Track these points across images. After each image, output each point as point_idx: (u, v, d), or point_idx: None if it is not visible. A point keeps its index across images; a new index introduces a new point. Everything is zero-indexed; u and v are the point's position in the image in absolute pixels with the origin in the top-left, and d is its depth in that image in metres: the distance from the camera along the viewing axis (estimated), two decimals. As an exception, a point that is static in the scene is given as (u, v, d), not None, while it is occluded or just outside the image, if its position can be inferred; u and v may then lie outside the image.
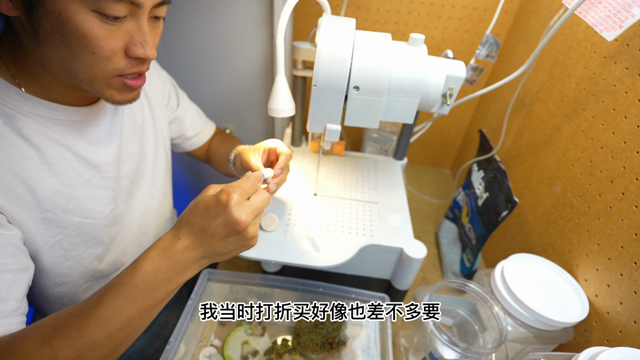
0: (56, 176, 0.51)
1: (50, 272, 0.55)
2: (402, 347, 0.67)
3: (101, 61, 0.44)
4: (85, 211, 0.55)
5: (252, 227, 0.45)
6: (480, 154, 0.86)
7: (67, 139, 0.52)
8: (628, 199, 0.54)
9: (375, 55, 0.53)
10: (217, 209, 0.43)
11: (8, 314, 0.43)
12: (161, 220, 0.75)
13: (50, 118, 0.50)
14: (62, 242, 0.54)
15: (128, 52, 0.46)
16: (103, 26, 0.42)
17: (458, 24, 0.96)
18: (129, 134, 0.63)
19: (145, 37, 0.46)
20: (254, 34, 0.95)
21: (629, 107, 0.56)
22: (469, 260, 0.80)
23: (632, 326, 0.50)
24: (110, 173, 0.59)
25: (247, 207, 0.44)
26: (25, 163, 0.48)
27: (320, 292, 0.64)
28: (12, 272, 0.44)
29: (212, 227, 0.43)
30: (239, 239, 0.45)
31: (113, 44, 0.44)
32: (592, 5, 0.57)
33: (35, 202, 0.49)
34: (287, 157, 0.61)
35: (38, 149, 0.49)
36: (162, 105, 0.72)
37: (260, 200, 0.46)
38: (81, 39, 0.42)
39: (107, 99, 0.49)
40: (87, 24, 0.41)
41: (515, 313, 0.56)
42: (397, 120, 0.60)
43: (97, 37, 0.42)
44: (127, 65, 0.47)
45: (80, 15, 0.40)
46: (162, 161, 0.72)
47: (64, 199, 0.52)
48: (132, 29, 0.45)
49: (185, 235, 0.44)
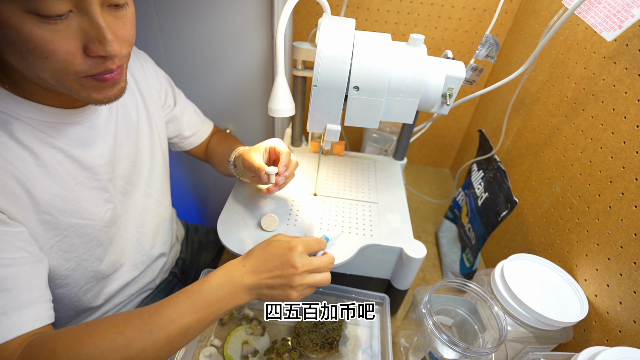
0: (52, 179, 0.51)
1: (50, 273, 0.54)
2: (402, 347, 0.67)
3: (59, 65, 0.41)
4: (83, 212, 0.55)
5: (301, 279, 0.50)
6: (480, 154, 0.86)
7: (60, 142, 0.52)
8: (627, 199, 0.54)
9: (375, 56, 0.54)
10: (283, 250, 0.51)
11: (36, 301, 0.45)
12: (160, 220, 0.75)
13: (42, 121, 0.49)
14: (60, 243, 0.54)
15: (87, 51, 0.41)
16: (46, 27, 0.38)
17: (458, 24, 0.96)
18: (124, 134, 0.62)
19: (102, 32, 0.41)
20: (254, 34, 0.95)
21: (628, 107, 0.56)
22: (469, 260, 0.80)
23: (632, 326, 0.50)
24: (104, 175, 0.58)
25: (306, 260, 0.51)
26: (22, 166, 0.47)
27: (320, 292, 0.64)
28: (28, 264, 0.46)
29: (272, 263, 0.50)
30: (284, 283, 0.50)
31: (65, 46, 0.40)
32: (592, 5, 0.57)
33: (33, 205, 0.49)
34: (287, 154, 0.62)
35: (32, 152, 0.48)
36: (158, 104, 0.72)
37: (320, 261, 0.52)
38: (27, 45, 0.38)
39: (86, 99, 0.47)
40: (26, 28, 0.37)
41: (515, 313, 0.56)
42: (397, 121, 0.60)
43: (42, 41, 0.38)
44: (90, 66, 0.43)
45: (16, 18, 0.37)
46: (159, 161, 0.72)
47: (61, 201, 0.52)
48: (84, 25, 0.40)
49: (249, 264, 0.50)
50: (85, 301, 0.63)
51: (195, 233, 1.00)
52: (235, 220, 0.65)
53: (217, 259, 0.98)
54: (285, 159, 0.61)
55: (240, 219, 0.65)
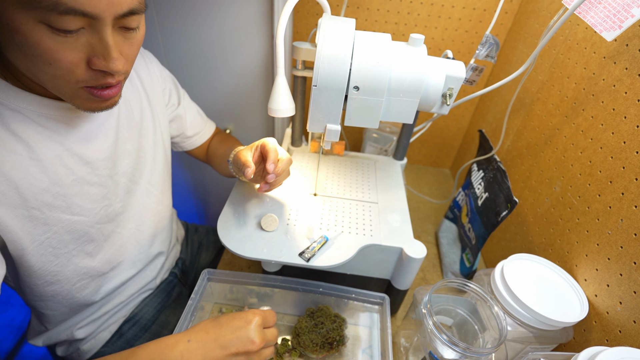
0: (45, 173, 0.50)
1: (39, 270, 0.54)
2: (402, 347, 0.67)
3: (61, 73, 0.42)
4: (73, 208, 0.55)
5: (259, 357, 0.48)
6: (480, 154, 0.86)
7: (60, 134, 0.51)
8: (628, 199, 0.54)
9: (375, 56, 0.54)
10: (239, 323, 0.47)
11: None
12: (159, 219, 0.75)
13: (42, 113, 0.49)
14: (50, 239, 0.53)
15: (90, 63, 0.43)
16: (55, 38, 0.39)
17: (458, 24, 0.96)
18: (126, 130, 0.62)
19: (109, 50, 0.42)
20: (254, 34, 0.95)
21: (628, 107, 0.56)
22: (469, 260, 0.80)
23: (632, 326, 0.50)
24: (104, 170, 0.58)
25: (263, 334, 0.48)
26: (10, 159, 0.47)
27: (320, 292, 0.64)
28: None
29: (227, 338, 0.46)
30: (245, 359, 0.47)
31: (70, 56, 0.41)
32: (592, 5, 0.57)
33: (21, 200, 0.48)
34: (274, 152, 0.60)
35: (27, 144, 0.48)
36: (162, 103, 0.72)
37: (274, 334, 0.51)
38: (34, 50, 0.39)
39: (77, 107, 0.47)
40: (36, 35, 0.38)
41: (515, 313, 0.56)
42: (397, 121, 0.60)
43: (49, 49, 0.39)
44: (91, 77, 0.44)
45: (28, 26, 0.38)
46: (161, 159, 0.72)
47: (51, 196, 0.51)
48: (93, 41, 0.41)
49: (195, 340, 0.45)
50: (81, 298, 0.63)
51: (195, 233, 1.00)
52: (235, 220, 0.65)
53: (217, 259, 0.98)
54: (272, 156, 0.58)
55: (240, 219, 0.65)
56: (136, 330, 0.74)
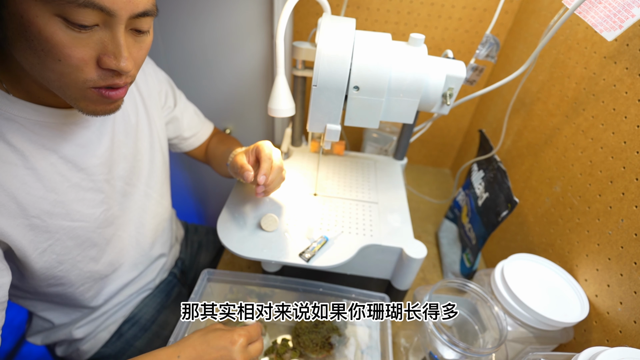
0: (41, 181, 0.50)
1: (42, 275, 0.54)
2: (402, 347, 0.67)
3: (70, 70, 0.42)
4: (73, 215, 0.54)
5: None
6: (480, 154, 0.86)
7: (54, 142, 0.51)
8: (628, 199, 0.54)
9: (375, 55, 0.53)
10: (225, 343, 0.49)
11: None
12: (159, 221, 0.75)
13: (37, 121, 0.49)
14: (53, 246, 0.53)
15: (100, 62, 0.42)
16: (69, 33, 0.39)
17: (458, 24, 0.96)
18: (122, 135, 0.62)
19: (120, 49, 0.42)
20: (254, 34, 0.95)
21: (629, 107, 0.56)
22: (469, 260, 0.80)
23: (632, 326, 0.50)
24: (99, 175, 0.58)
25: (247, 354, 0.50)
26: (7, 169, 0.47)
27: (320, 292, 0.64)
28: None
29: (212, 356, 0.48)
30: None
31: (81, 53, 0.41)
32: (592, 5, 0.57)
33: (20, 209, 0.48)
34: (267, 161, 0.60)
35: (22, 154, 0.48)
36: (158, 105, 0.72)
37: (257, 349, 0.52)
38: (45, 45, 0.39)
39: (82, 109, 0.47)
40: (50, 29, 0.38)
41: (515, 313, 0.56)
42: (397, 120, 0.60)
43: (61, 44, 0.39)
44: (100, 77, 0.44)
45: (43, 19, 0.38)
46: (158, 162, 0.72)
47: (49, 204, 0.51)
48: (105, 39, 0.42)
49: (185, 356, 0.47)
50: (84, 300, 0.63)
51: (195, 233, 1.00)
52: (235, 220, 0.65)
53: (217, 260, 0.98)
54: (265, 167, 0.59)
55: (240, 219, 0.65)
56: (135, 330, 0.74)
